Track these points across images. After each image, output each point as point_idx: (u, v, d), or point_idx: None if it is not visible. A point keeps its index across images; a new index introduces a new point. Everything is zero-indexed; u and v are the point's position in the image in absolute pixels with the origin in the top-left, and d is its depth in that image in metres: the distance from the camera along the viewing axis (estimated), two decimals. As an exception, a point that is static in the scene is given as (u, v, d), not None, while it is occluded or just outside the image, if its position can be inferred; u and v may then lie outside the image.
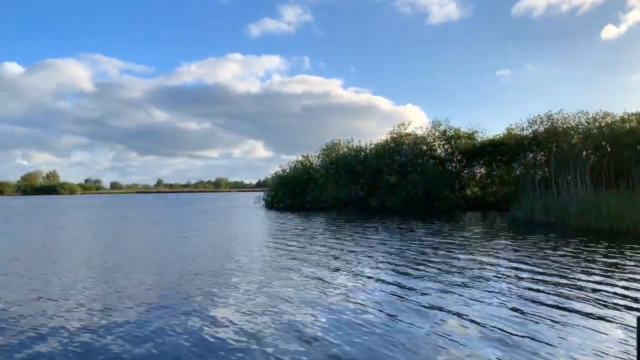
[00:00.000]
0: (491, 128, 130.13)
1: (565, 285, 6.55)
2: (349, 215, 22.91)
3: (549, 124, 24.43)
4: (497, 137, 26.46)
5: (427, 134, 28.75)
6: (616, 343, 4.21)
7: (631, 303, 5.54)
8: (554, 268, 7.83)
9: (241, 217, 24.26)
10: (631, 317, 4.91)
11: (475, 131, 27.91)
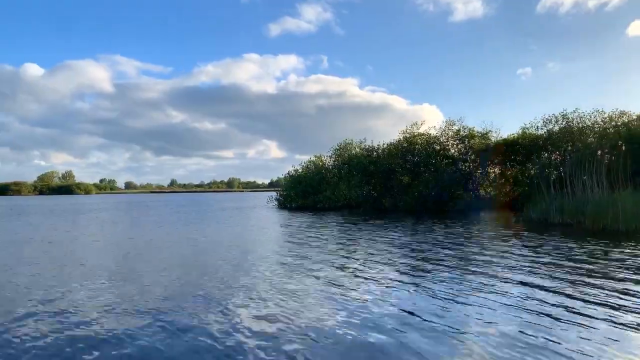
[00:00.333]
0: (510, 127, 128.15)
1: (586, 288, 6.55)
2: (362, 216, 22.97)
3: (564, 123, 24.18)
4: (512, 136, 26.26)
5: (441, 134, 28.66)
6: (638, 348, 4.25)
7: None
8: (574, 270, 7.82)
9: (253, 217, 24.48)
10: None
11: (490, 130, 27.74)
